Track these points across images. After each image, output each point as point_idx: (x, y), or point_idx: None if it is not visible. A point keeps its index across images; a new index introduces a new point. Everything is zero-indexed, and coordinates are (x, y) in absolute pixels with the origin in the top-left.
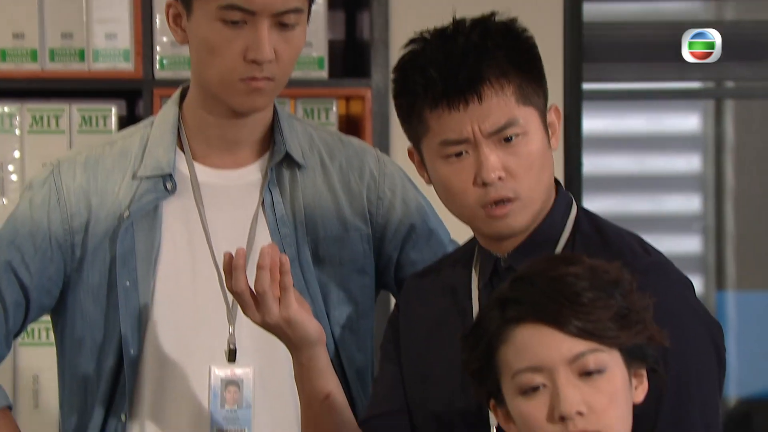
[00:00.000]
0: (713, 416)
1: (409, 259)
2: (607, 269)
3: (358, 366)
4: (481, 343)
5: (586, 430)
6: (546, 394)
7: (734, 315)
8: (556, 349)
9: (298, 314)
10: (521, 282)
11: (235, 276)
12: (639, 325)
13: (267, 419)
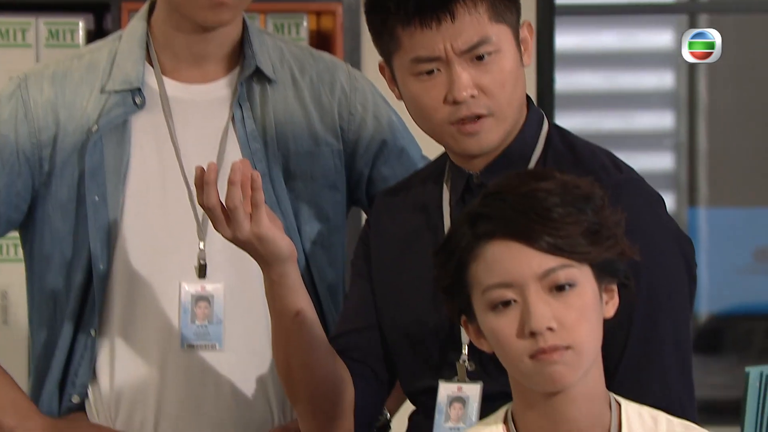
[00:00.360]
0: (683, 331)
1: (381, 175)
2: (579, 184)
3: (329, 282)
4: (452, 259)
5: (556, 345)
6: (516, 309)
7: (705, 231)
8: (527, 265)
9: (269, 230)
10: (492, 198)
11: (206, 191)
12: (610, 241)
13: (238, 335)
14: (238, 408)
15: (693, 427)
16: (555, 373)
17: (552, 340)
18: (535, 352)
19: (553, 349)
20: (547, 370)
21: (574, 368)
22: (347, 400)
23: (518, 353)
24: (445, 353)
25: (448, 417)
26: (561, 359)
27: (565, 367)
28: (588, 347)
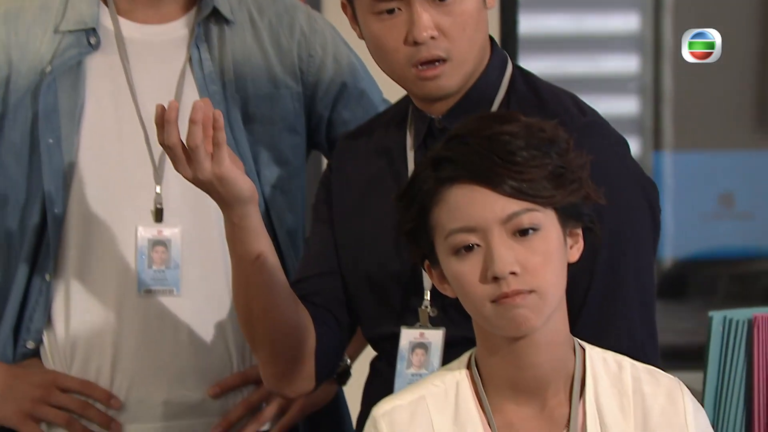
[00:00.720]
0: (647, 276)
1: (341, 118)
2: (543, 127)
3: (288, 227)
4: (415, 203)
5: (519, 290)
6: (479, 254)
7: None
8: (490, 209)
9: (230, 171)
10: (455, 141)
11: (166, 129)
12: (574, 184)
13: (196, 279)
14: (196, 354)
15: (657, 371)
16: (518, 317)
17: (515, 284)
18: (497, 296)
19: (516, 293)
20: (511, 314)
21: (537, 312)
22: (308, 345)
23: (481, 298)
24: (407, 299)
25: (410, 363)
26: (524, 303)
27: (528, 311)
28: (552, 291)
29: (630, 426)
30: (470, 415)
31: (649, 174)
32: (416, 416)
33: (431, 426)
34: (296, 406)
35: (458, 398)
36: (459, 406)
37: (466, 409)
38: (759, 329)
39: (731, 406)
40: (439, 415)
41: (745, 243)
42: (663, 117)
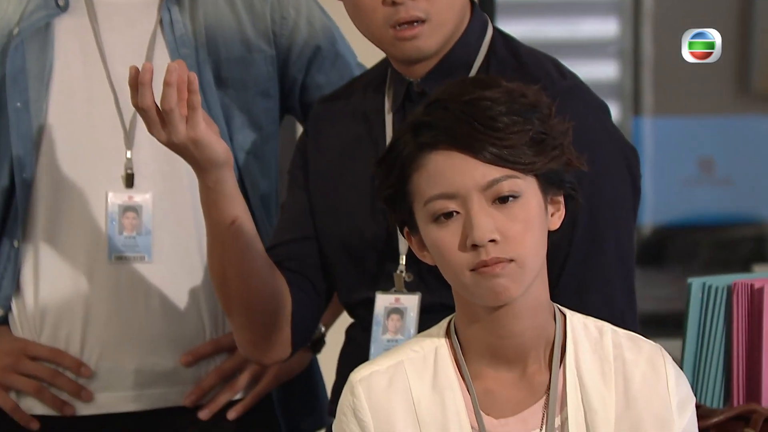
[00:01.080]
0: (626, 241)
1: (315, 82)
2: (525, 93)
3: (262, 192)
4: (394, 169)
5: (498, 258)
6: (459, 221)
7: (650, 141)
8: (470, 176)
9: (205, 134)
10: (435, 106)
11: (141, 92)
12: (556, 151)
13: (168, 246)
14: (168, 322)
15: (638, 337)
16: (498, 286)
17: (494, 252)
18: (477, 264)
19: (495, 261)
20: (490, 283)
21: (517, 281)
22: (284, 311)
23: (460, 266)
24: (382, 264)
25: (385, 329)
26: (504, 272)
27: (508, 280)
28: (532, 260)
29: (611, 392)
30: (449, 380)
31: (628, 139)
32: (394, 381)
33: (409, 391)
34: (270, 375)
35: (437, 364)
36: (438, 371)
37: (445, 375)
38: (738, 296)
39: (710, 374)
40: (418, 380)
41: (725, 209)
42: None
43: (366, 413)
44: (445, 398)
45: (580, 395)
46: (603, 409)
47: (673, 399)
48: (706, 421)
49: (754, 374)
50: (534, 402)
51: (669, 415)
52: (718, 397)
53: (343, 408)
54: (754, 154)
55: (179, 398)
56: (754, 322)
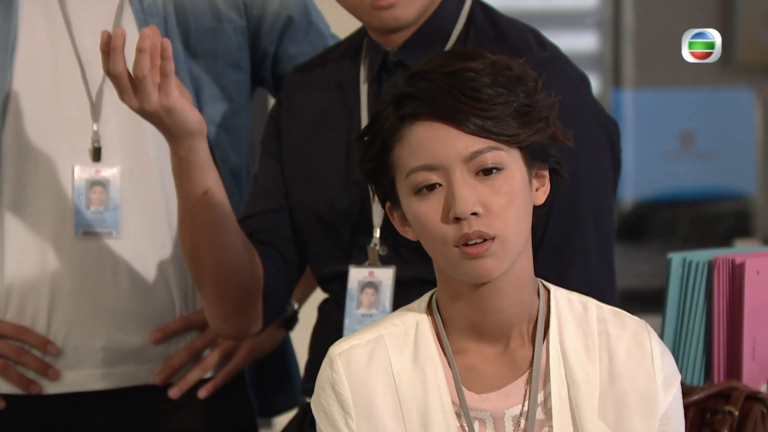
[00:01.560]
0: (605, 216)
1: (287, 53)
2: (510, 65)
3: (232, 166)
4: (376, 141)
5: (480, 231)
6: (441, 194)
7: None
8: (452, 147)
9: (178, 102)
10: (417, 77)
11: (112, 57)
12: (541, 123)
13: (136, 221)
14: (136, 298)
15: (623, 313)
16: (481, 266)
17: (477, 225)
18: (459, 239)
19: (477, 235)
20: (475, 263)
21: (501, 259)
22: (256, 284)
23: (442, 240)
24: (356, 237)
25: (360, 303)
26: (488, 252)
27: (491, 259)
28: (515, 235)
29: (595, 367)
30: (430, 355)
31: (608, 112)
32: (374, 356)
33: (389, 366)
34: (241, 352)
35: (418, 338)
36: (419, 346)
37: (426, 349)
38: (719, 271)
39: (690, 350)
40: (398, 355)
41: (706, 183)
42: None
43: (345, 387)
44: (426, 373)
45: (563, 370)
46: (587, 384)
47: (658, 376)
48: (686, 399)
49: (735, 351)
50: (517, 377)
51: (654, 392)
52: (698, 374)
53: (322, 382)
54: (736, 127)
55: (148, 376)
56: (734, 298)
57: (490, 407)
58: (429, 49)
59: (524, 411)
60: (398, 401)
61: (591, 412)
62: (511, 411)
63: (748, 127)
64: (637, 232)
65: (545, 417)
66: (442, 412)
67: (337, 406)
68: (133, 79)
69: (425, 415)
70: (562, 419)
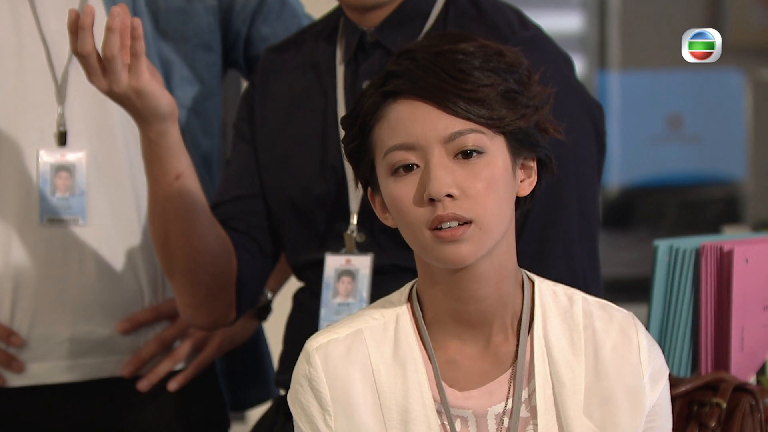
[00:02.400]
0: (589, 201)
1: (260, 34)
2: (503, 52)
3: (203, 151)
4: (357, 121)
5: (456, 214)
6: (418, 175)
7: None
8: (431, 126)
9: (149, 84)
10: (404, 56)
11: (81, 36)
12: (528, 109)
13: (103, 207)
14: (103, 288)
15: (610, 305)
16: (456, 251)
17: (452, 207)
18: (433, 221)
19: (452, 217)
20: (448, 248)
21: (476, 245)
22: (229, 272)
23: (418, 224)
24: (332, 223)
25: (336, 292)
26: (462, 236)
27: (466, 244)
28: (493, 222)
29: (580, 363)
30: (411, 350)
31: (593, 94)
32: (353, 350)
33: (369, 361)
34: (213, 344)
35: (398, 332)
36: (399, 340)
37: (407, 344)
38: (707, 259)
39: (677, 341)
40: (378, 349)
41: (694, 168)
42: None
43: (322, 383)
44: (406, 369)
45: (548, 367)
46: (572, 381)
47: (645, 370)
48: (673, 391)
49: (723, 341)
50: (500, 374)
51: (640, 387)
52: (685, 365)
53: (299, 377)
54: (725, 110)
55: (116, 368)
56: (722, 286)
57: (472, 405)
58: (407, 28)
59: (508, 409)
60: (378, 398)
61: (576, 409)
62: (494, 409)
63: (737, 109)
64: (622, 219)
65: (530, 415)
66: (423, 409)
67: (315, 402)
68: (102, 59)
69: (406, 412)
70: (546, 417)
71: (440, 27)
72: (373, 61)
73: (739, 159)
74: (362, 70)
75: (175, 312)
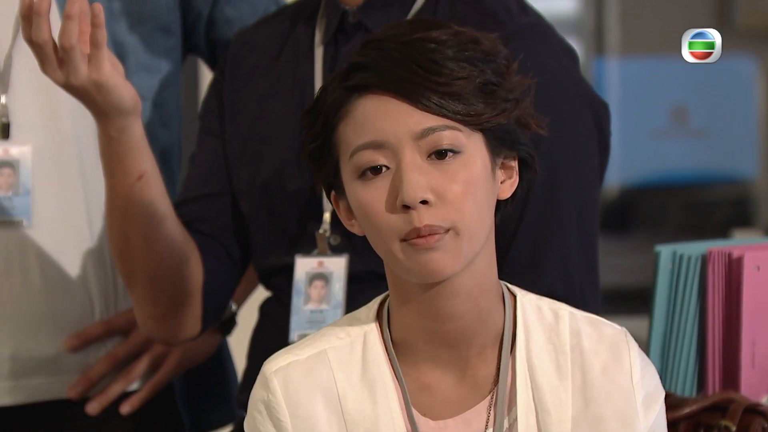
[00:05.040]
0: (589, 206)
1: (224, 16)
2: (478, 38)
3: (162, 145)
4: (319, 118)
5: (432, 226)
6: (388, 178)
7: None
8: (403, 123)
9: (110, 77)
10: (370, 46)
11: (35, 23)
12: (508, 104)
13: (50, 207)
14: (49, 299)
15: (600, 321)
16: (431, 261)
17: (428, 218)
18: (408, 234)
19: (429, 231)
20: (423, 258)
21: (454, 255)
22: (195, 280)
23: (389, 232)
24: (305, 223)
25: (308, 298)
26: (439, 245)
27: (443, 254)
28: (473, 229)
29: (567, 388)
30: (381, 373)
31: (591, 83)
32: (316, 373)
33: (334, 385)
34: (171, 361)
35: (366, 353)
36: (367, 363)
37: (376, 366)
38: (714, 266)
39: (681, 357)
40: (344, 372)
41: (701, 166)
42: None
43: (282, 411)
44: (375, 394)
45: (531, 393)
46: (557, 408)
47: (638, 393)
48: (677, 412)
49: (732, 357)
50: (478, 401)
51: (633, 412)
52: (691, 383)
53: (256, 404)
54: (735, 101)
55: (63, 389)
56: (731, 296)
57: None
58: (393, 9)
59: None
60: (344, 426)
61: None
62: None
63: (748, 101)
64: (621, 222)
65: None
66: None
67: (274, 431)
68: (59, 49)
69: None
70: None
71: (430, 10)
72: (353, 45)
73: (751, 155)
74: (343, 54)
75: (128, 326)
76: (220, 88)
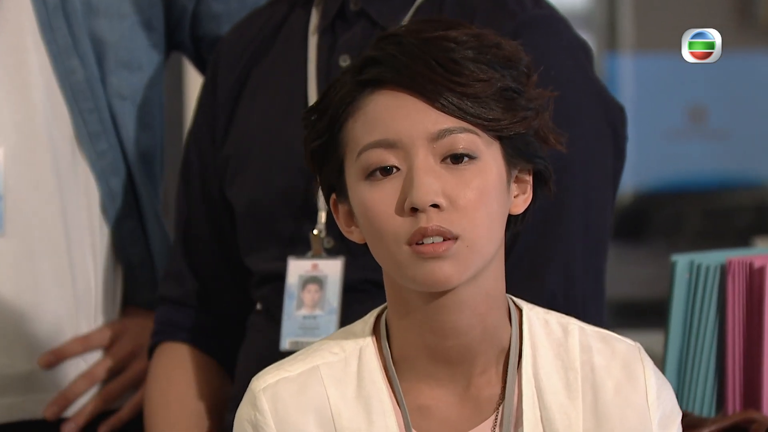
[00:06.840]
0: (599, 213)
1: (210, 10)
2: (500, 43)
3: (143, 149)
4: (326, 114)
5: (440, 227)
6: (398, 180)
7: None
8: (418, 121)
9: None
10: (387, 41)
11: None
12: (528, 112)
13: (23, 214)
14: (23, 312)
15: (612, 336)
16: (437, 269)
17: (438, 220)
18: (414, 235)
19: (436, 232)
20: (429, 266)
21: (462, 265)
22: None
23: (394, 236)
24: (298, 226)
25: (301, 303)
26: (446, 253)
27: (450, 263)
28: (483, 240)
29: (577, 407)
30: (377, 391)
31: (603, 80)
32: (307, 391)
33: (327, 403)
34: None
35: (361, 370)
36: (363, 379)
37: (372, 383)
38: (734, 277)
39: (699, 374)
40: (338, 390)
41: (720, 169)
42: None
43: (271, 430)
44: (371, 413)
45: (538, 413)
46: (567, 428)
47: (653, 414)
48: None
49: (753, 374)
50: (481, 421)
51: None
52: (709, 402)
53: (243, 423)
54: (757, 100)
55: (38, 409)
56: (752, 309)
57: None
58: None
59: None
60: None
61: None
62: None
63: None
64: (635, 230)
65: None
66: None
67: None
68: None
69: None
70: None
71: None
72: (354, 34)
73: None
74: (341, 43)
75: (107, 341)
76: (214, 84)
